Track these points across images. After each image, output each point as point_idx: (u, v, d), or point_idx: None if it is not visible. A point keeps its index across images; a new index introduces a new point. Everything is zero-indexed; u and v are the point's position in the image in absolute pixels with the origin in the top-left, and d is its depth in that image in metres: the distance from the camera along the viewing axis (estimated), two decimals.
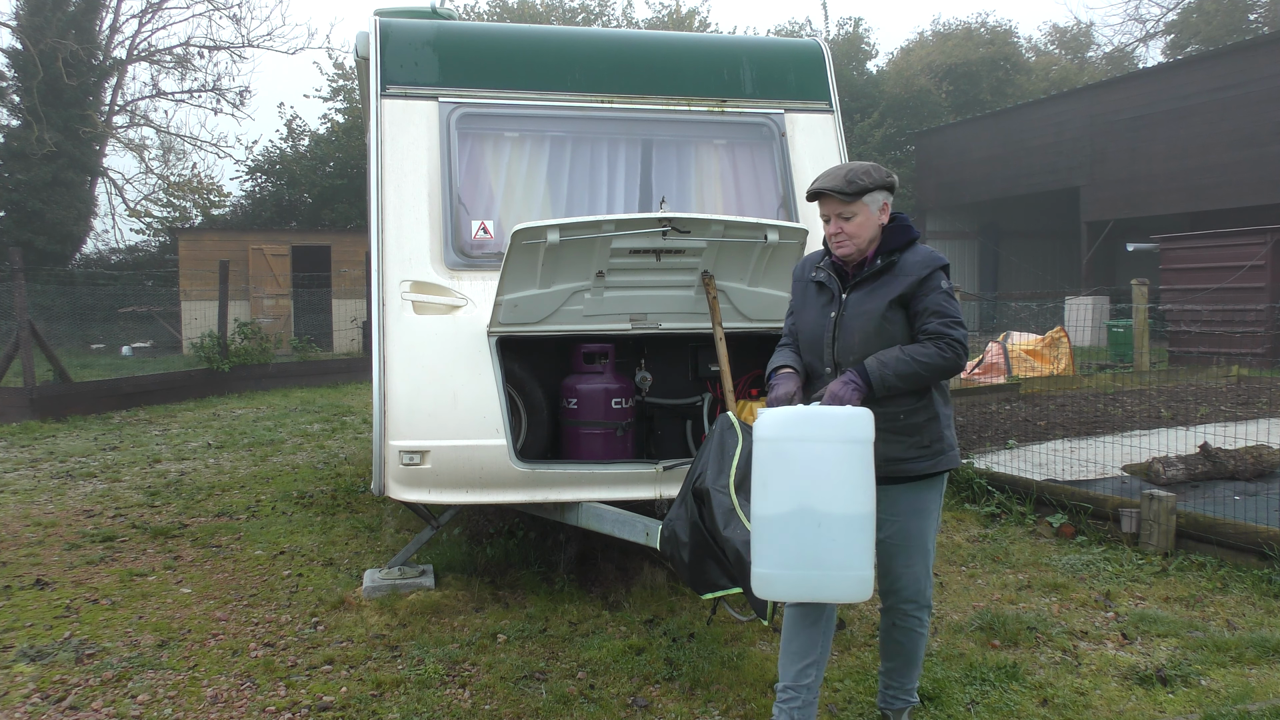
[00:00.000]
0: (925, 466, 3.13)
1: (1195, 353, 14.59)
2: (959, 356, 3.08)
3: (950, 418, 3.22)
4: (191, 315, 18.97)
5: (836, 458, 2.91)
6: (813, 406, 3.03)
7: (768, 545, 2.94)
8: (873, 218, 3.16)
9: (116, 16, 25.17)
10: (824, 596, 3.00)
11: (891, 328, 3.13)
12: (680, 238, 4.18)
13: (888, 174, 3.21)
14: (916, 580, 3.21)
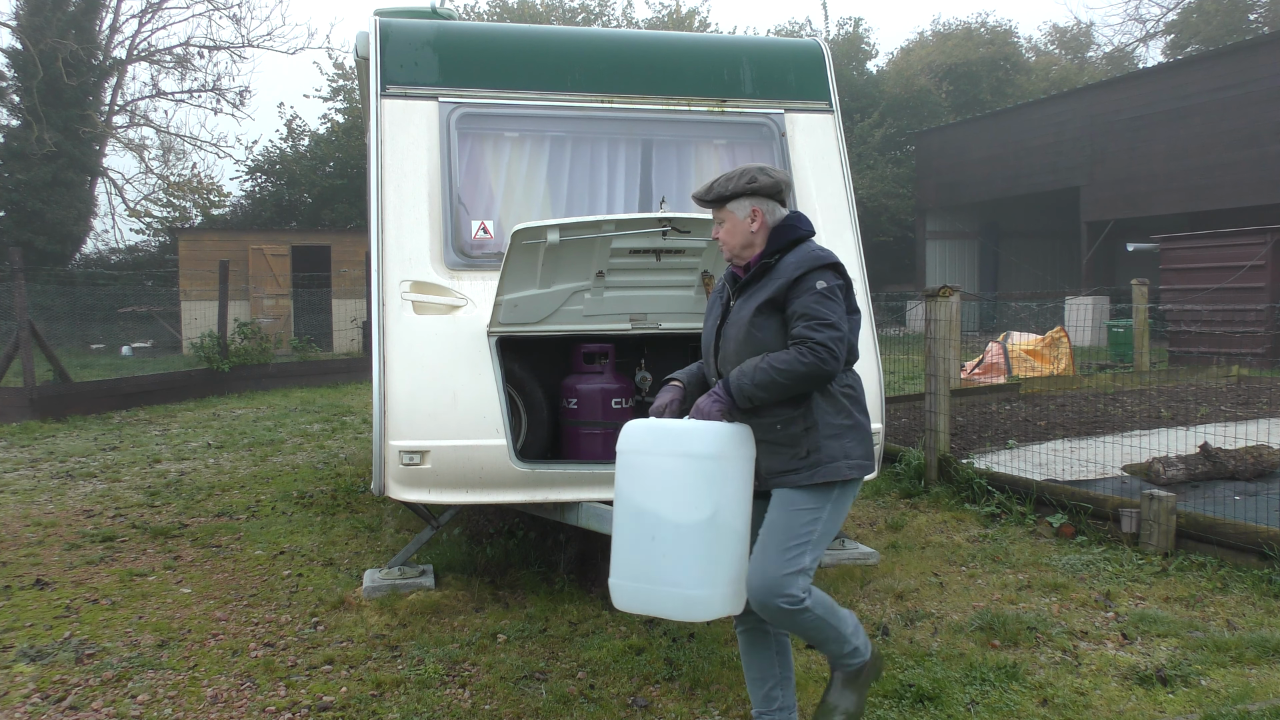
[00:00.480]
0: (802, 478, 2.96)
1: (1195, 353, 14.59)
2: (822, 361, 2.88)
3: (845, 428, 3.00)
4: (191, 315, 18.98)
5: (672, 472, 2.96)
6: (668, 420, 3.08)
7: (616, 555, 3.03)
8: (740, 224, 3.11)
9: (116, 16, 25.21)
10: (658, 611, 3.04)
11: (760, 334, 3.02)
12: (680, 238, 4.18)
13: (756, 179, 3.09)
14: (763, 570, 2.90)
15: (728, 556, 2.95)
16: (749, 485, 3.03)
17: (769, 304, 3.01)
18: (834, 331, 2.91)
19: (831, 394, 3.00)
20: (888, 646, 4.04)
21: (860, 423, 3.06)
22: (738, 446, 3.00)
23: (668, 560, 2.93)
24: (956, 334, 9.20)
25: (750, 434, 3.03)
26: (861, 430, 3.06)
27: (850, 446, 3.01)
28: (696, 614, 2.97)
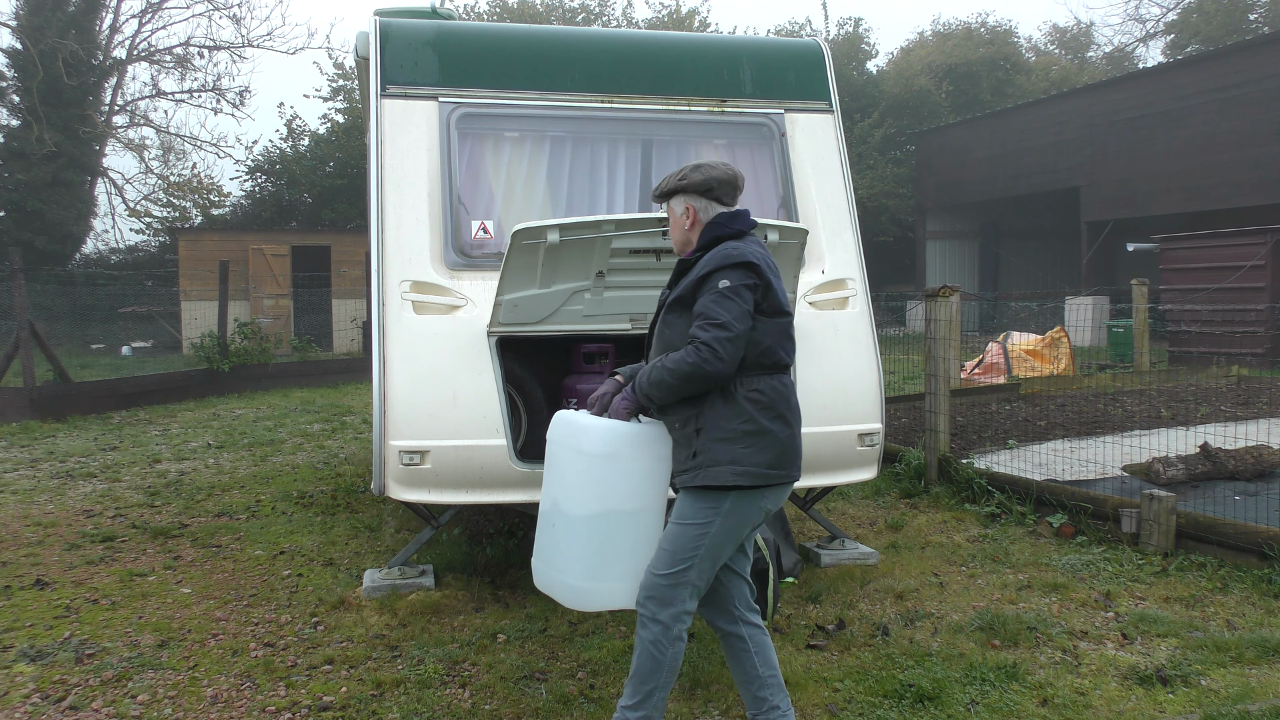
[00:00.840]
0: (686, 479, 2.94)
1: (1195, 353, 14.59)
2: (704, 361, 2.81)
3: (741, 434, 2.90)
4: (191, 315, 18.99)
5: (569, 465, 3.09)
6: (579, 414, 3.16)
7: (536, 538, 3.20)
8: (678, 220, 3.14)
9: (116, 16, 25.20)
10: (554, 596, 3.14)
11: (669, 332, 3.00)
12: None
13: (687, 176, 3.09)
14: (650, 571, 2.94)
15: (620, 553, 3.01)
16: (657, 483, 3.03)
17: (678, 302, 3.00)
18: (721, 332, 2.83)
19: (731, 396, 2.92)
20: (888, 646, 4.04)
21: (767, 429, 2.92)
22: (638, 446, 3.03)
23: (559, 549, 3.07)
24: (956, 334, 9.20)
25: (662, 433, 3.04)
26: (767, 437, 2.92)
27: (743, 453, 2.89)
28: (580, 604, 3.08)
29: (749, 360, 2.94)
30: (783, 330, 3.00)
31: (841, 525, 6.00)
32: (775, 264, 3.06)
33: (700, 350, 2.83)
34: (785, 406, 2.99)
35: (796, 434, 3.02)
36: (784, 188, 5.20)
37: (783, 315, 3.00)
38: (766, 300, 2.96)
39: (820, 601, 4.62)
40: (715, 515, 2.91)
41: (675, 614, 2.92)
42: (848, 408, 4.80)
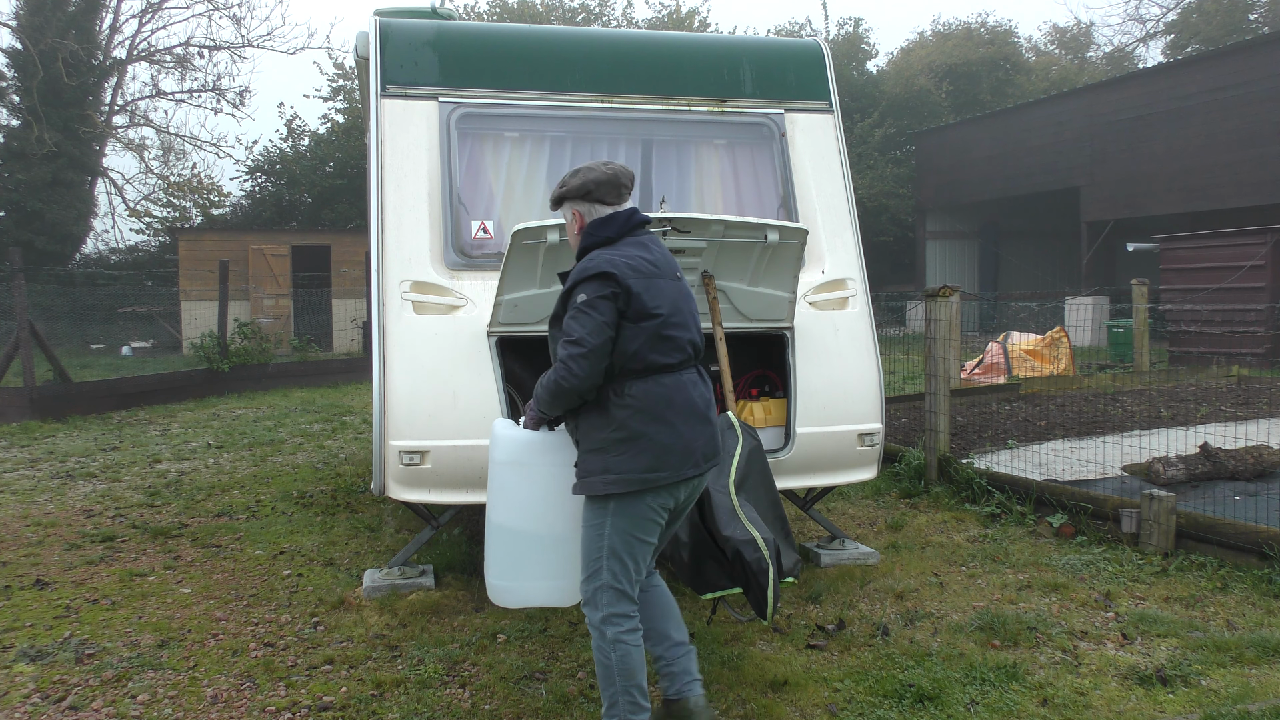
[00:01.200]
0: (575, 488, 3.03)
1: (1195, 353, 14.60)
2: (562, 379, 2.88)
3: (611, 442, 2.93)
4: (191, 315, 18.99)
5: (489, 473, 3.33)
6: (500, 425, 3.37)
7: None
8: (569, 227, 3.19)
9: (116, 16, 25.20)
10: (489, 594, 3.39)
11: (553, 345, 3.07)
12: (680, 238, 4.18)
13: (565, 182, 3.14)
14: (580, 586, 3.07)
15: (533, 556, 3.20)
16: (567, 487, 3.12)
17: (555, 318, 3.08)
18: (575, 349, 2.87)
19: (604, 405, 2.96)
20: (888, 646, 4.04)
21: (640, 433, 2.92)
22: (544, 454, 3.18)
23: (489, 548, 3.32)
24: (956, 334, 9.20)
25: (569, 440, 3.16)
26: (641, 442, 2.92)
27: (615, 461, 2.92)
28: (500, 600, 3.34)
29: (619, 367, 2.95)
30: (653, 333, 2.97)
31: (841, 525, 6.00)
32: (655, 261, 3.06)
33: (558, 369, 2.92)
34: (666, 407, 2.96)
35: (685, 431, 2.98)
36: (784, 188, 5.20)
37: (651, 318, 2.97)
38: (631, 306, 2.94)
39: (820, 601, 4.62)
40: (604, 519, 2.97)
41: (604, 617, 2.97)
42: (848, 408, 4.80)
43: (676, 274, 3.14)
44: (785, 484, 4.70)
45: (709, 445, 3.07)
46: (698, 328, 3.15)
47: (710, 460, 3.09)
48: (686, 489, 3.06)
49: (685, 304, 3.11)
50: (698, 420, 3.02)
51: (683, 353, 3.04)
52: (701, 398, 3.07)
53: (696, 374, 3.11)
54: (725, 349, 4.39)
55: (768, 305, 4.62)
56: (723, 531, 3.56)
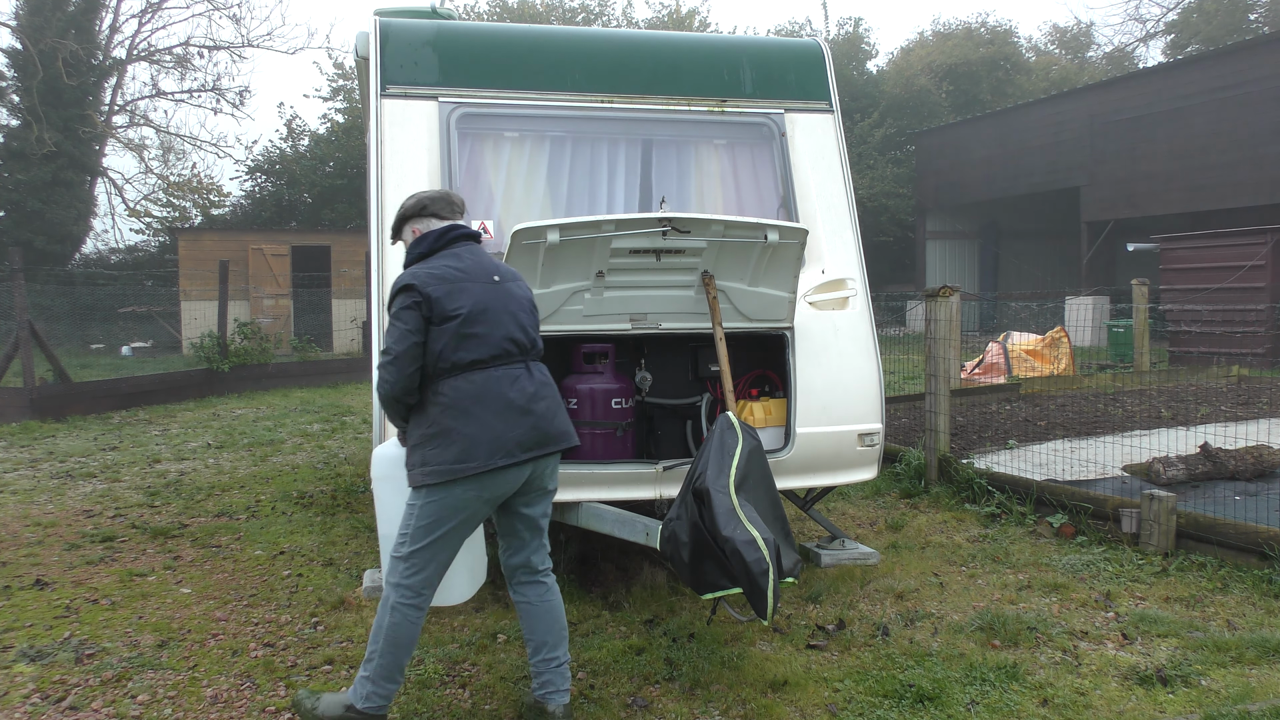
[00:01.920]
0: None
1: (1195, 353, 14.60)
2: (379, 387, 3.20)
3: (427, 437, 3.17)
4: (191, 315, 18.98)
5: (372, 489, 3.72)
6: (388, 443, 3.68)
7: None
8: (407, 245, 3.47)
9: (116, 16, 25.21)
10: None
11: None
12: (680, 238, 4.18)
13: (404, 204, 3.45)
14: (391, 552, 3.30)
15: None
16: None
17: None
18: (384, 358, 3.16)
19: (422, 405, 3.22)
20: (888, 646, 4.04)
21: (450, 428, 3.13)
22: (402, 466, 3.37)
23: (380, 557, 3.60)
24: (956, 334, 9.20)
25: None
26: (450, 435, 3.13)
27: (430, 454, 3.15)
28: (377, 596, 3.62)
29: (431, 369, 3.19)
30: (455, 333, 3.17)
31: (841, 525, 6.00)
32: (464, 268, 3.26)
33: (375, 378, 3.25)
34: (473, 402, 3.16)
35: (494, 424, 3.16)
36: (784, 188, 5.20)
37: (451, 319, 3.17)
38: (434, 311, 3.17)
39: (820, 601, 4.62)
40: (418, 503, 3.20)
41: (394, 584, 3.22)
42: (848, 408, 4.80)
43: (494, 278, 3.31)
44: (785, 484, 4.70)
45: (528, 435, 3.21)
46: (522, 326, 3.31)
47: (530, 450, 3.21)
48: (504, 478, 3.20)
49: (498, 303, 3.27)
50: (512, 412, 3.19)
51: (494, 349, 3.21)
52: (521, 391, 3.23)
53: (522, 369, 3.27)
54: (725, 349, 4.39)
55: (768, 305, 4.61)
56: (722, 531, 3.56)
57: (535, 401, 3.25)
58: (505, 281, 3.35)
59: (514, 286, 3.38)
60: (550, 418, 3.29)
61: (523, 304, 3.37)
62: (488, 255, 3.42)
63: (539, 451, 3.25)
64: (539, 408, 3.26)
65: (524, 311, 3.35)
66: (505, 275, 3.38)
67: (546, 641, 3.37)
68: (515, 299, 3.34)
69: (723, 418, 4.04)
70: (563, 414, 3.36)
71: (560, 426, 3.33)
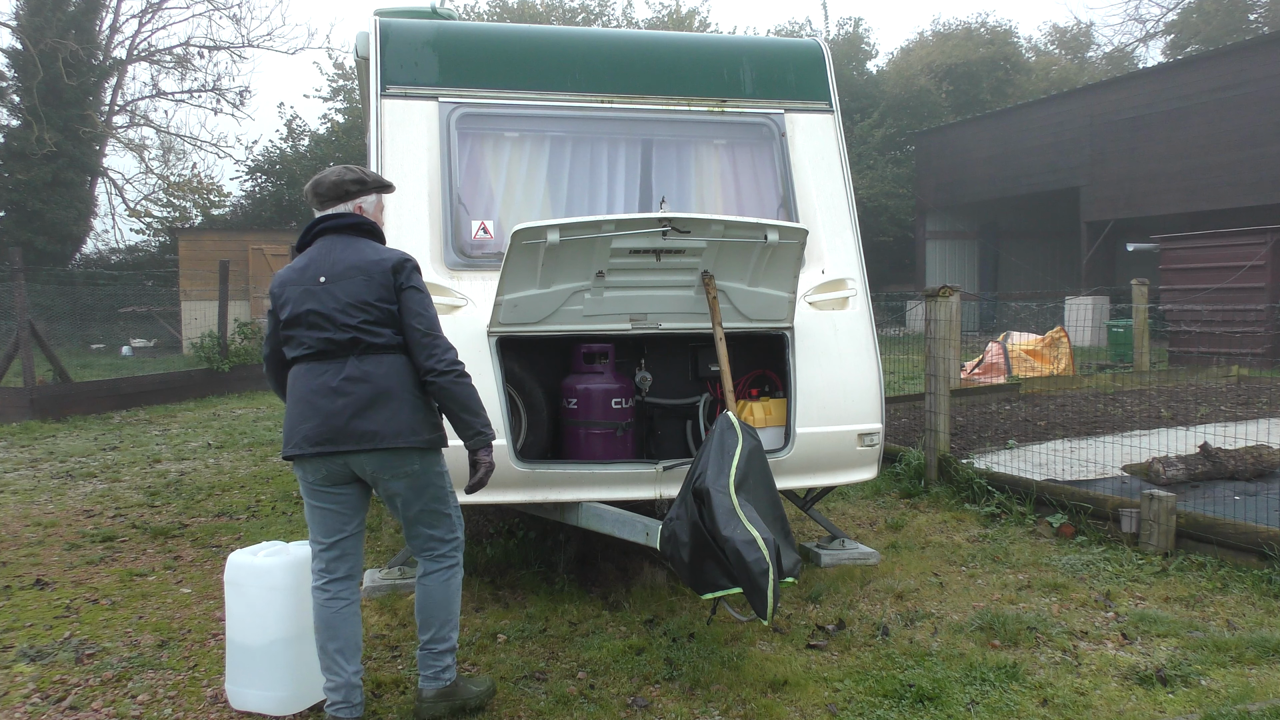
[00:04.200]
0: None
1: (1195, 353, 14.60)
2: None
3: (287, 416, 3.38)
4: (191, 315, 18.98)
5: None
6: None
7: None
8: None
9: (116, 16, 25.22)
10: None
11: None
12: (680, 238, 4.18)
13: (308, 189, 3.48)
14: None
15: (247, 665, 3.60)
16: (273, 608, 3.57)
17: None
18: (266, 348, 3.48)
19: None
20: (888, 646, 4.04)
21: (288, 412, 3.34)
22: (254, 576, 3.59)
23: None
24: (956, 334, 9.20)
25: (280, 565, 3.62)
26: (287, 419, 3.33)
27: (286, 428, 3.35)
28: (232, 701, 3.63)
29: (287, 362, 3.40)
30: (281, 332, 3.35)
31: (841, 525, 6.00)
32: (305, 265, 3.32)
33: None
34: (290, 393, 3.34)
35: (293, 415, 3.28)
36: (784, 188, 5.20)
37: (278, 320, 3.35)
38: (277, 313, 3.36)
39: (820, 601, 4.62)
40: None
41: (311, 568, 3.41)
42: (847, 408, 4.80)
43: (320, 279, 3.27)
44: (785, 484, 4.70)
45: (316, 430, 3.22)
46: (341, 325, 3.23)
47: (318, 444, 3.21)
48: (312, 466, 3.28)
49: (318, 304, 3.25)
50: (305, 406, 3.25)
51: (308, 347, 3.28)
52: (322, 387, 3.23)
53: (336, 365, 3.24)
54: (725, 349, 4.39)
55: (768, 305, 4.61)
56: (722, 531, 3.56)
57: (334, 398, 3.20)
58: (333, 281, 3.25)
59: (341, 286, 3.24)
60: (347, 415, 3.19)
61: (349, 303, 3.23)
62: (338, 249, 3.31)
63: (329, 448, 3.20)
64: (334, 405, 3.20)
65: (346, 311, 3.23)
66: (336, 275, 3.26)
67: (421, 622, 3.43)
68: (338, 299, 3.23)
69: (723, 418, 4.05)
70: (377, 413, 3.20)
71: (360, 426, 3.18)
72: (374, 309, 3.23)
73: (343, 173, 3.40)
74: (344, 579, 3.34)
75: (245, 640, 3.47)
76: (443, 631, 3.39)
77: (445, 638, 3.39)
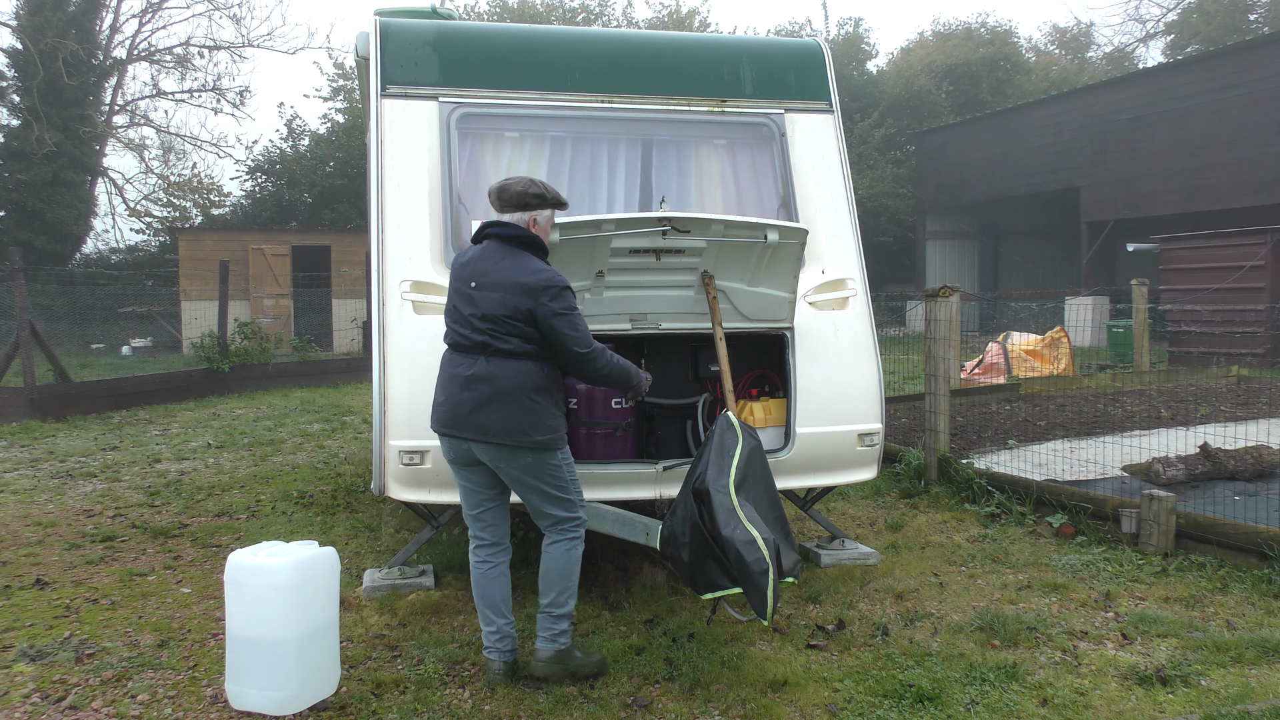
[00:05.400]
0: None
1: (1195, 353, 14.59)
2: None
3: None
4: (191, 315, 18.98)
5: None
6: None
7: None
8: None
9: (116, 16, 25.21)
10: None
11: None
12: (680, 237, 4.19)
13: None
14: None
15: (252, 663, 3.63)
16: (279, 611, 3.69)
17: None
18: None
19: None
20: (888, 646, 4.04)
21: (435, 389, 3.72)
22: (253, 575, 3.64)
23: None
24: (956, 334, 9.20)
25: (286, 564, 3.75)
26: (435, 391, 3.74)
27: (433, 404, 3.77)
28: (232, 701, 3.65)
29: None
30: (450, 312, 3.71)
31: (841, 525, 6.00)
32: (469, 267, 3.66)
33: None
34: (439, 372, 3.70)
35: (440, 396, 3.66)
36: (784, 188, 5.20)
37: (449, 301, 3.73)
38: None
39: (820, 601, 4.62)
40: None
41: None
42: (848, 408, 4.80)
43: (470, 284, 3.66)
44: (785, 484, 4.70)
45: (447, 414, 3.62)
46: (473, 326, 3.62)
47: (447, 427, 3.62)
48: (448, 445, 3.67)
49: (461, 301, 3.68)
50: (443, 390, 3.68)
51: (450, 336, 3.71)
52: (457, 376, 3.62)
53: (474, 358, 3.61)
54: (725, 349, 4.39)
55: (768, 305, 4.61)
56: (722, 531, 3.56)
57: (463, 390, 3.59)
58: (480, 289, 3.63)
59: (484, 295, 3.61)
60: (469, 408, 3.58)
61: (485, 312, 3.60)
62: (494, 259, 3.66)
63: (453, 432, 3.61)
64: (462, 396, 3.59)
65: (483, 318, 3.60)
66: (484, 284, 3.62)
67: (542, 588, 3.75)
68: (478, 306, 3.62)
69: (723, 418, 4.05)
70: (494, 411, 3.55)
71: (479, 420, 3.55)
72: (505, 323, 3.57)
73: (528, 185, 3.69)
74: (490, 545, 3.76)
75: (245, 640, 3.47)
76: (561, 597, 3.68)
77: (563, 603, 3.68)
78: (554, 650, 3.68)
